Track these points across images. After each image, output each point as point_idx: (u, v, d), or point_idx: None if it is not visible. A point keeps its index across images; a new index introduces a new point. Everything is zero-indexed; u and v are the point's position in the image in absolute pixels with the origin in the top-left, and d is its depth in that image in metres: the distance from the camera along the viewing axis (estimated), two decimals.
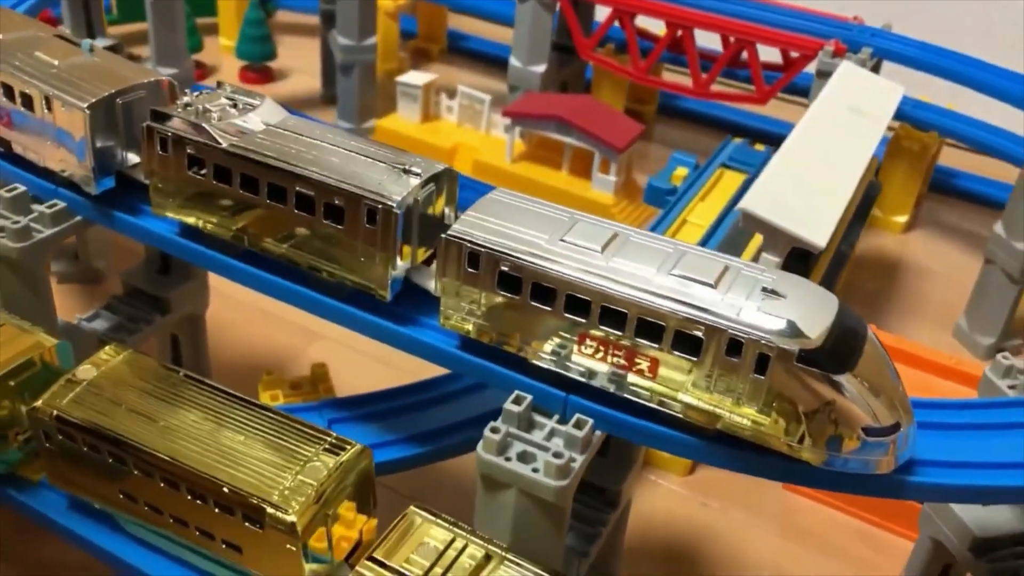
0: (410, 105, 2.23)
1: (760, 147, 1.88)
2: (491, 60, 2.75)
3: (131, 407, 0.92)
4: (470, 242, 0.89)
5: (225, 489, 0.86)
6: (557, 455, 0.85)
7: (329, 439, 0.91)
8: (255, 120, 1.01)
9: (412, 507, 0.89)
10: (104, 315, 1.31)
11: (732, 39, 1.95)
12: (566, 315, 0.87)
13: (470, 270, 0.90)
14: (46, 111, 1.06)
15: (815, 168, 1.40)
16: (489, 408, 1.14)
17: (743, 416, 0.83)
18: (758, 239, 1.33)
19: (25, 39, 1.14)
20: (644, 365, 0.85)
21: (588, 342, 0.87)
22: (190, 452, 0.88)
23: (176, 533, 0.92)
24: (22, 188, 1.13)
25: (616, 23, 2.06)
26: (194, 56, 2.38)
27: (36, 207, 1.13)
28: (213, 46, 2.62)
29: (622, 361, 0.86)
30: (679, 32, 1.98)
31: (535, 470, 0.86)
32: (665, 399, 0.86)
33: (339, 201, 0.94)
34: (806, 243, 1.25)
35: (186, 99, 1.03)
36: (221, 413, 0.93)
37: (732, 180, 1.77)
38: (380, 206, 0.92)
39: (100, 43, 1.99)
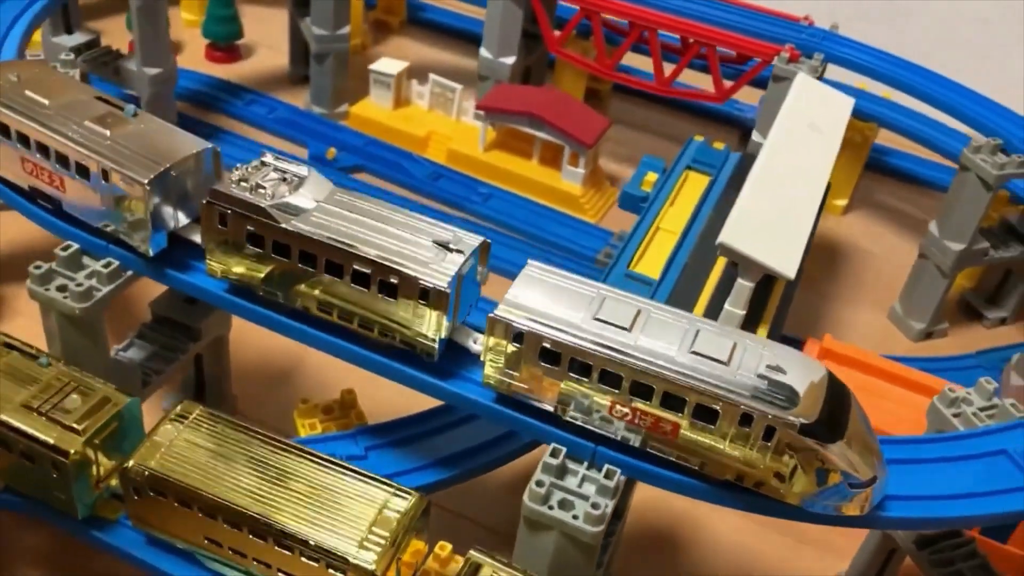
0: (383, 92, 2.31)
1: (719, 145, 2.03)
2: (452, 33, 2.81)
3: (214, 465, 1.05)
4: (516, 323, 1.02)
5: (311, 542, 1.00)
6: (595, 505, 1.02)
7: (391, 489, 1.06)
8: (307, 196, 1.11)
9: (472, 551, 1.03)
10: (138, 344, 1.41)
11: (692, 41, 2.07)
12: (600, 385, 1.02)
13: (515, 345, 1.03)
14: (103, 181, 1.15)
15: (782, 195, 1.56)
16: (507, 428, 1.29)
17: (748, 469, 1.00)
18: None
19: (71, 103, 1.21)
20: (667, 428, 1.01)
21: (618, 408, 1.02)
22: (276, 508, 1.02)
23: (260, 573, 1.06)
24: (76, 246, 1.22)
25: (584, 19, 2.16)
26: None
27: (89, 262, 1.23)
28: (175, 20, 2.62)
29: (647, 424, 1.02)
30: (644, 32, 2.09)
31: (575, 517, 1.02)
32: (683, 455, 1.02)
33: (394, 279, 1.06)
34: (778, 274, 1.42)
35: (238, 174, 1.12)
36: (295, 467, 1.06)
37: (697, 182, 1.92)
38: (432, 286, 1.05)
39: (78, 37, 2.03)
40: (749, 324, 1.50)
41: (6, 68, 1.28)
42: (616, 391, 1.01)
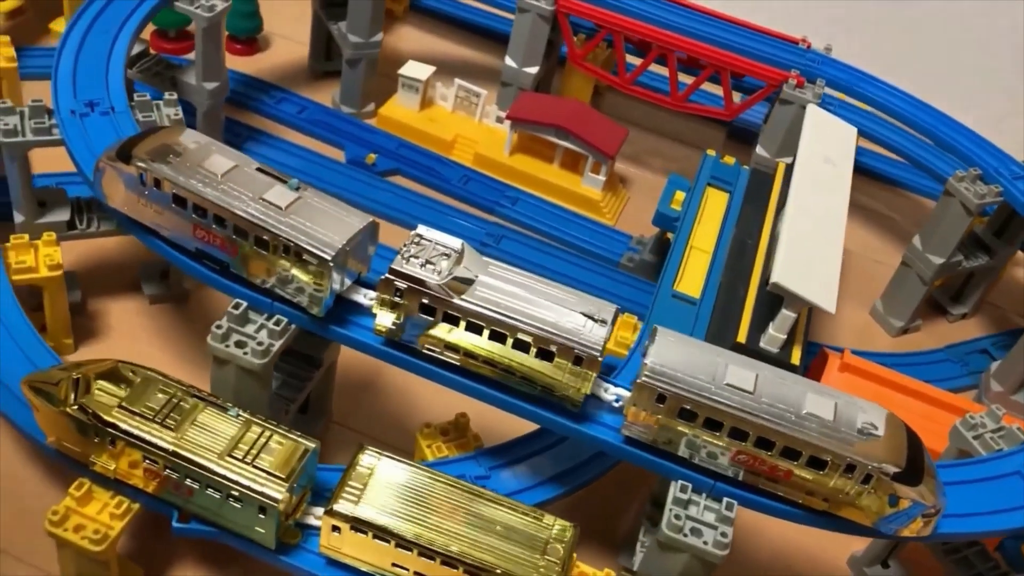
0: (410, 95, 2.44)
1: (730, 160, 2.25)
2: (453, 22, 2.93)
3: (404, 505, 1.24)
4: (660, 387, 1.24)
5: (499, 571, 1.21)
6: (724, 534, 1.26)
7: (548, 521, 1.27)
8: (468, 271, 1.30)
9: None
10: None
11: (707, 64, 2.28)
12: (729, 438, 1.25)
13: (658, 404, 1.25)
14: (283, 254, 1.30)
15: (814, 232, 1.80)
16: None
17: (841, 502, 1.26)
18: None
19: (239, 176, 1.35)
20: (782, 472, 1.26)
21: (741, 456, 1.26)
22: (463, 543, 1.22)
23: None
24: (245, 304, 1.37)
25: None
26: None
27: (255, 317, 1.38)
28: None
29: (765, 469, 1.26)
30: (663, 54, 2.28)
31: (705, 543, 1.26)
32: (790, 491, 1.27)
33: (552, 348, 1.26)
34: (822, 308, 1.67)
35: (409, 252, 1.29)
36: (470, 505, 1.27)
37: (717, 199, 2.13)
38: (586, 353, 1.25)
39: None
40: (788, 342, 1.75)
41: (163, 136, 1.40)
42: (742, 443, 1.25)
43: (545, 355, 1.27)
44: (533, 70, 2.40)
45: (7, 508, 1.52)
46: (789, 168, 2.13)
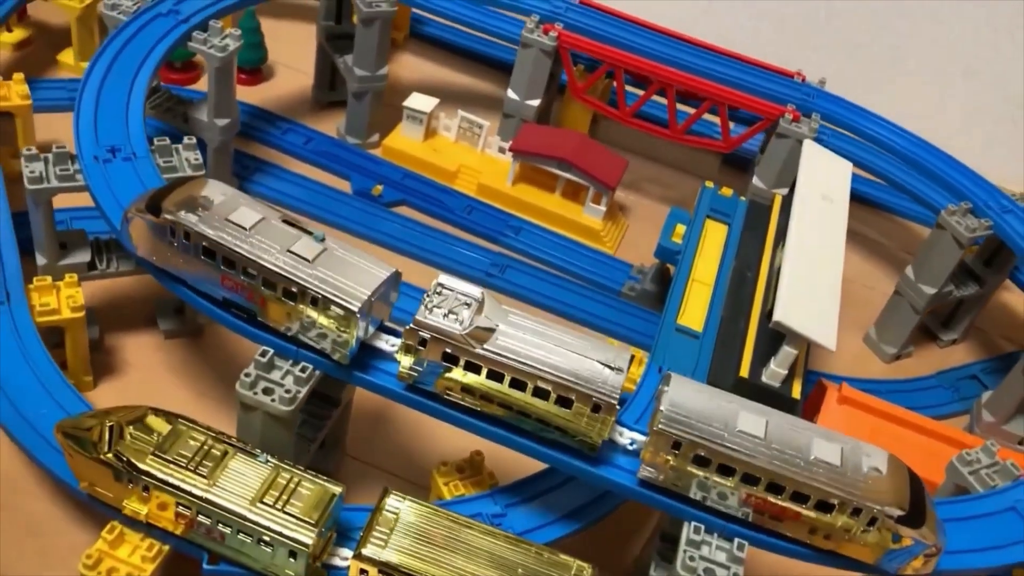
0: (414, 126, 2.49)
1: (727, 192, 2.30)
2: (452, 49, 2.98)
3: (431, 550, 1.29)
4: (676, 435, 1.29)
5: None
6: (736, 574, 1.32)
7: (567, 562, 1.33)
8: (489, 320, 1.34)
9: None
10: None
11: (705, 99, 2.34)
12: (741, 483, 1.31)
13: (674, 450, 1.31)
14: (311, 304, 1.35)
15: (813, 270, 1.86)
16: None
17: (847, 542, 1.31)
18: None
19: (266, 228, 1.40)
20: (791, 514, 1.31)
21: (751, 498, 1.32)
22: None
23: None
24: (271, 352, 1.41)
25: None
26: None
27: (281, 364, 1.43)
28: None
29: (775, 512, 1.32)
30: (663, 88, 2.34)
31: None
32: (798, 531, 1.33)
33: (571, 396, 1.31)
34: (822, 346, 1.73)
35: (432, 302, 1.34)
36: (491, 547, 1.32)
37: (716, 231, 2.19)
38: (604, 401, 1.31)
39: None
40: (789, 377, 1.81)
41: (191, 188, 1.45)
42: (754, 487, 1.30)
43: (564, 402, 1.33)
44: (535, 103, 2.45)
45: (31, 546, 1.56)
46: (786, 200, 2.20)
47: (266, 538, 1.29)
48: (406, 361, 1.36)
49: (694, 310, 1.99)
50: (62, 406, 1.49)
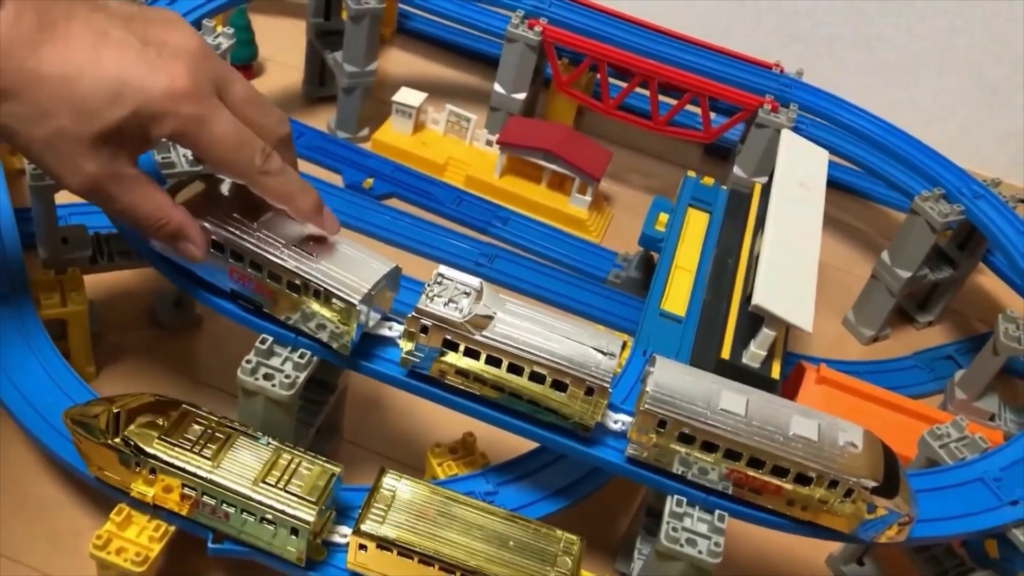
0: (403, 120, 2.55)
1: (709, 181, 2.37)
2: (440, 44, 3.04)
3: (426, 524, 1.36)
4: (661, 414, 1.36)
5: None
6: (716, 543, 1.39)
7: (557, 535, 1.39)
8: (488, 307, 1.40)
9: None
10: None
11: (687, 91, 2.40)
12: (724, 459, 1.37)
13: (659, 429, 1.38)
14: (313, 296, 1.40)
15: (791, 255, 1.92)
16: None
17: (825, 513, 1.39)
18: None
19: (272, 222, 1.45)
20: (772, 488, 1.38)
21: (735, 474, 1.39)
22: (480, 558, 1.34)
23: None
24: (271, 339, 1.47)
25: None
26: None
27: (280, 351, 1.49)
28: None
29: (755, 486, 1.39)
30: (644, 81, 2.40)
31: (699, 552, 1.39)
32: (776, 503, 1.40)
33: (566, 380, 1.38)
34: (799, 328, 1.80)
35: (433, 291, 1.40)
36: (484, 522, 1.38)
37: (698, 219, 2.25)
38: (597, 384, 1.37)
39: None
40: (768, 358, 1.88)
41: (199, 185, 1.50)
42: (736, 462, 1.37)
43: (559, 386, 1.39)
44: (521, 96, 2.51)
45: (41, 530, 1.62)
46: (765, 189, 2.26)
47: (269, 516, 1.35)
48: (407, 347, 1.42)
49: (677, 295, 2.05)
50: (69, 395, 1.54)
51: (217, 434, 1.40)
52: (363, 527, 1.35)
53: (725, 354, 1.89)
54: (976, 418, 2.11)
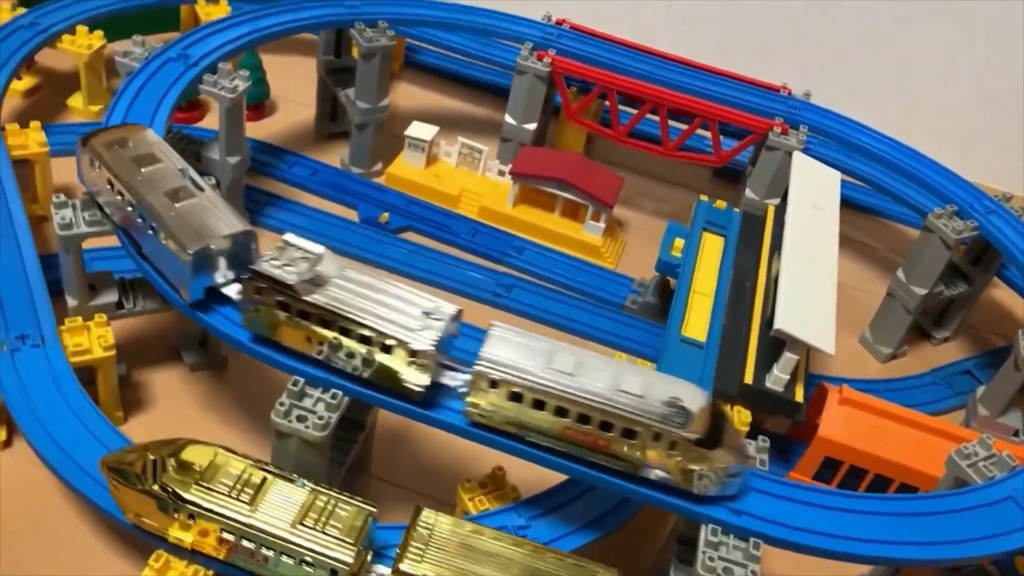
0: (416, 154, 2.57)
1: (722, 204, 2.39)
2: (449, 77, 3.07)
3: (462, 563, 1.37)
4: (491, 374, 1.39)
5: None
6: (753, 572, 1.39)
7: (593, 568, 1.40)
8: (323, 273, 1.45)
9: None
10: None
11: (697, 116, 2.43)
12: (553, 416, 1.40)
13: (492, 390, 1.41)
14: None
15: (809, 278, 1.94)
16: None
17: (655, 468, 1.41)
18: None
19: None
20: (601, 443, 1.41)
21: (567, 431, 1.41)
22: None
23: None
24: (303, 381, 1.49)
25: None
26: None
27: (311, 392, 1.50)
28: None
29: (587, 442, 1.41)
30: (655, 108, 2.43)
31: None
32: (610, 460, 1.42)
33: (391, 343, 1.41)
34: (822, 351, 1.81)
35: (271, 254, 1.46)
36: (521, 557, 1.39)
37: (713, 243, 2.27)
38: (419, 348, 1.40)
39: None
40: (791, 381, 1.90)
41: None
42: (565, 419, 1.40)
43: (386, 349, 1.42)
44: (532, 126, 2.54)
45: None
46: (778, 210, 2.28)
47: (308, 559, 1.36)
48: (247, 311, 1.48)
49: (696, 321, 2.06)
50: (103, 443, 1.56)
51: (253, 478, 1.42)
52: (402, 566, 1.36)
53: (748, 379, 1.90)
54: (1000, 434, 2.11)
